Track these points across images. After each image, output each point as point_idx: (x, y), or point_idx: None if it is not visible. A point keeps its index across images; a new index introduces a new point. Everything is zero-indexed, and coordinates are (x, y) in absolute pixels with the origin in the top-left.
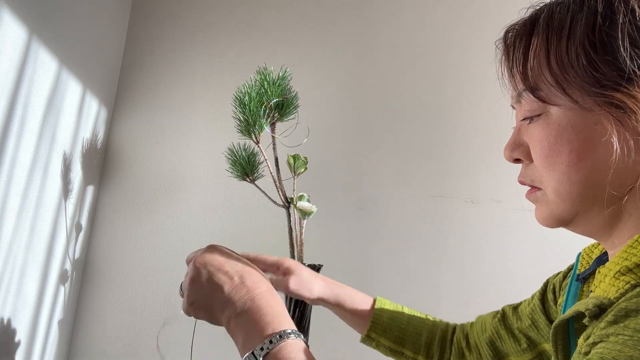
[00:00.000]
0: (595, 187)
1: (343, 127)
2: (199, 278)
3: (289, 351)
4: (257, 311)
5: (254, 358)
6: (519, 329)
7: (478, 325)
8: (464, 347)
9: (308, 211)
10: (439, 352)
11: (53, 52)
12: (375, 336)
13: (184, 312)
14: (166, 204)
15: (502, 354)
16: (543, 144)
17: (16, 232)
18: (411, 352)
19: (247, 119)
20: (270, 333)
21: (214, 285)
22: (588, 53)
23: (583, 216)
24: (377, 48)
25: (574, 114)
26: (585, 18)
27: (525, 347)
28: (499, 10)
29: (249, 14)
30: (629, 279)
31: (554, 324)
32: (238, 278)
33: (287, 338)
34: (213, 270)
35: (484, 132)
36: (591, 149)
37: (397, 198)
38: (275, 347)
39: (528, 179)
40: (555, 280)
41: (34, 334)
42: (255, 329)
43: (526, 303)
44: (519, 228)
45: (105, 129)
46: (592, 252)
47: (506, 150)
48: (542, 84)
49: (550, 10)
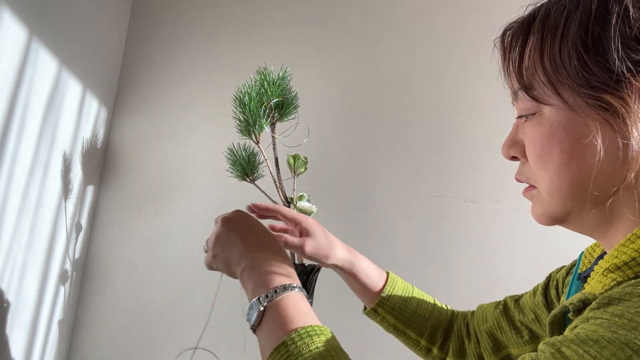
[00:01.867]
0: (585, 187)
1: (343, 127)
2: (222, 234)
3: (289, 301)
4: (267, 267)
5: (259, 303)
6: (520, 321)
7: (479, 315)
8: (463, 335)
9: (308, 211)
10: (442, 339)
11: (53, 52)
12: (382, 312)
13: (206, 265)
14: (166, 204)
15: (501, 345)
16: (536, 143)
17: (16, 232)
18: (415, 334)
19: (247, 119)
20: (276, 285)
21: (235, 241)
22: (580, 54)
23: (576, 215)
24: (378, 48)
25: (565, 114)
26: (579, 18)
27: (527, 340)
28: (498, 10)
29: (249, 14)
30: (616, 276)
31: (548, 320)
32: (255, 238)
33: (291, 290)
34: (235, 229)
35: (484, 132)
36: (581, 150)
37: (397, 198)
38: (279, 296)
39: (524, 176)
40: (558, 276)
41: (34, 334)
42: (263, 280)
43: (528, 296)
44: (519, 228)
45: (105, 129)
46: (594, 251)
47: (503, 147)
48: (536, 84)
49: (547, 10)
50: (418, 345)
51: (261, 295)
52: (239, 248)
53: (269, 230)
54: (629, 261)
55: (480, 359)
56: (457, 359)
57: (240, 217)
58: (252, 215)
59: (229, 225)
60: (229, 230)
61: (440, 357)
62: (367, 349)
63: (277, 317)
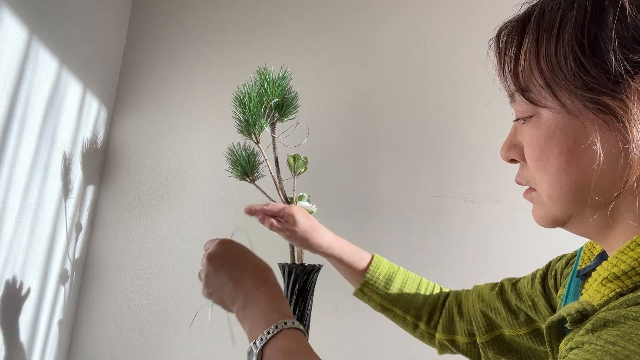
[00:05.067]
0: (585, 191)
1: (343, 127)
2: (210, 274)
3: (284, 340)
4: (259, 305)
5: (255, 347)
6: (517, 305)
7: (474, 294)
8: (454, 313)
9: (308, 211)
10: (428, 314)
11: (53, 52)
12: (368, 292)
13: (205, 297)
14: (166, 204)
15: (495, 325)
16: (534, 146)
17: (16, 232)
18: (401, 312)
19: (247, 119)
20: (269, 324)
21: (223, 280)
22: (576, 55)
23: (576, 218)
24: (378, 48)
25: (563, 117)
26: (574, 17)
27: (522, 322)
28: (498, 10)
29: (249, 14)
30: (615, 286)
31: (546, 324)
32: (243, 271)
33: (283, 328)
34: (222, 266)
35: (484, 132)
36: (580, 153)
37: (396, 198)
38: (273, 337)
39: (524, 179)
40: (557, 266)
41: (34, 334)
42: (257, 321)
43: (526, 281)
44: (519, 228)
45: (105, 129)
46: (594, 247)
47: (502, 150)
48: (532, 86)
49: (542, 8)
50: (405, 321)
51: (257, 338)
52: (229, 287)
53: (255, 257)
54: (629, 271)
55: (470, 335)
56: (446, 334)
57: (225, 250)
58: (234, 242)
59: (215, 263)
60: (216, 268)
61: (428, 333)
62: (368, 348)
63: (273, 356)
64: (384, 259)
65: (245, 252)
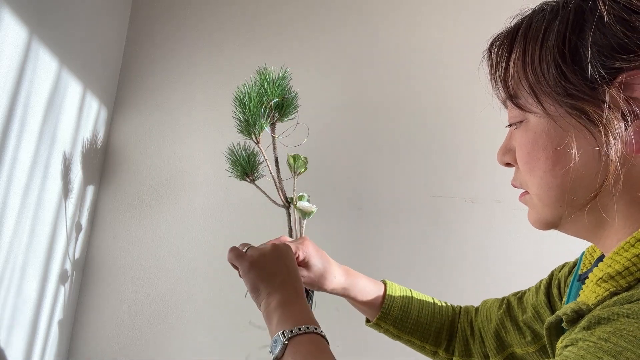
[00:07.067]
0: (570, 193)
1: (343, 127)
2: (250, 276)
3: (311, 343)
4: (293, 312)
5: (284, 336)
6: (524, 321)
7: (483, 315)
8: (468, 335)
9: (308, 211)
10: (446, 340)
11: (53, 52)
12: (384, 325)
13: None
14: (166, 204)
15: (506, 344)
16: (523, 150)
17: (16, 232)
18: (419, 341)
19: (247, 119)
20: (299, 324)
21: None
22: (558, 63)
23: (567, 219)
24: (378, 48)
25: (547, 122)
26: (557, 28)
27: (529, 340)
28: (497, 11)
29: (249, 14)
30: (609, 286)
31: (545, 325)
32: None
33: (313, 331)
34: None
35: (484, 132)
36: (563, 156)
37: (397, 198)
38: (301, 334)
39: (518, 182)
40: (560, 275)
41: (34, 334)
42: (286, 320)
43: (531, 293)
44: (519, 228)
45: (105, 129)
46: (595, 252)
47: (498, 154)
48: (520, 92)
49: (530, 20)
50: (424, 349)
51: (286, 329)
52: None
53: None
54: (622, 271)
55: (486, 357)
56: (464, 359)
57: (271, 256)
58: (280, 248)
59: (255, 271)
60: (256, 275)
61: (447, 358)
62: (368, 348)
63: (298, 350)
64: (396, 286)
65: (286, 262)
